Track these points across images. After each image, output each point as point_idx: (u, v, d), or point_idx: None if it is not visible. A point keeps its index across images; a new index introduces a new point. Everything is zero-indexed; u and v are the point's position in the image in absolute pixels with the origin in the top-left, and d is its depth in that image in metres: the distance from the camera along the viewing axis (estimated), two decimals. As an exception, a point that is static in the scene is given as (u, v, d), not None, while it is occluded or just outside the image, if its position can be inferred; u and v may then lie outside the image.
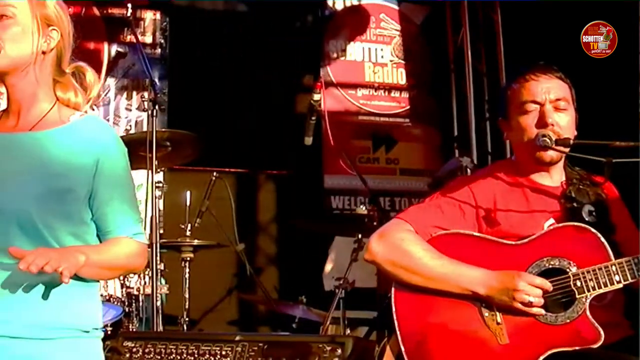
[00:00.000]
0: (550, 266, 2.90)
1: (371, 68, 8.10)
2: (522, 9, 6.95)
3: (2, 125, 2.58)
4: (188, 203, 5.65)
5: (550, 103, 3.05)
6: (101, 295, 4.72)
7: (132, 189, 2.73)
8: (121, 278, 4.92)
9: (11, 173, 2.39)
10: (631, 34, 3.64)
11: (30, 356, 2.37)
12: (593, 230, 2.89)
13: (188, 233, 5.50)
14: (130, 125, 7.43)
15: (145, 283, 4.89)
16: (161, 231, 6.59)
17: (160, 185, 5.01)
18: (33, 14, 2.58)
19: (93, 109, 7.09)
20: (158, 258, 4.46)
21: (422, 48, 8.24)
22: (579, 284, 2.82)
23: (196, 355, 2.92)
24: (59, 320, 2.44)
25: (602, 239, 2.86)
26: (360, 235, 4.94)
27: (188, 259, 5.43)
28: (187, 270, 5.44)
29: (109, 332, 4.96)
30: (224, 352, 2.88)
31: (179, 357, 2.93)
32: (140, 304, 4.96)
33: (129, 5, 5.50)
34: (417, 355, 2.92)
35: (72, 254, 2.36)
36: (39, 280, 2.39)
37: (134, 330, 4.87)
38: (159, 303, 4.49)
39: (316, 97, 4.39)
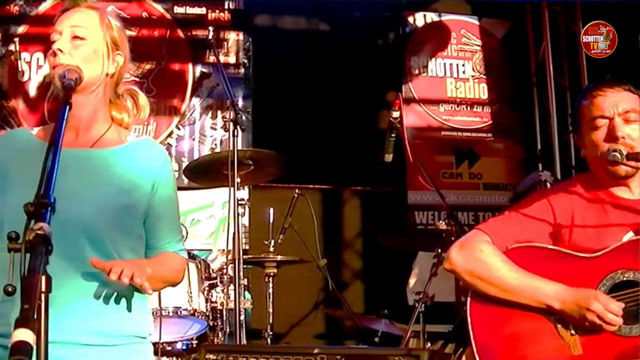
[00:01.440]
0: (625, 278, 2.86)
1: (453, 83, 8.10)
2: (604, 20, 6.85)
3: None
4: (271, 220, 5.71)
5: (619, 116, 3.01)
6: (186, 309, 4.86)
7: (178, 208, 2.88)
8: (205, 293, 5.01)
9: (79, 187, 2.45)
10: None
11: None
12: (671, 243, 2.85)
13: (271, 249, 5.56)
14: (216, 144, 7.57)
15: (229, 298, 4.96)
16: (247, 247, 6.75)
17: (244, 202, 5.09)
18: (104, 37, 2.70)
19: (179, 129, 7.31)
20: (241, 273, 4.54)
21: (504, 62, 8.19)
22: (654, 296, 2.80)
23: (275, 368, 2.98)
24: (122, 328, 2.56)
25: (681, 252, 2.83)
26: (440, 250, 4.94)
27: (272, 274, 5.47)
28: (271, 285, 5.47)
29: (194, 345, 5.08)
30: (302, 365, 2.93)
31: (259, 369, 2.99)
32: (224, 318, 5.04)
33: (211, 27, 5.64)
34: (493, 366, 2.93)
35: (143, 266, 2.46)
36: (105, 291, 2.50)
37: (218, 343, 4.95)
38: (242, 317, 4.57)
39: (395, 114, 4.40)
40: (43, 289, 1.80)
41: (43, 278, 1.80)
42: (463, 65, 8.15)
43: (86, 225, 2.48)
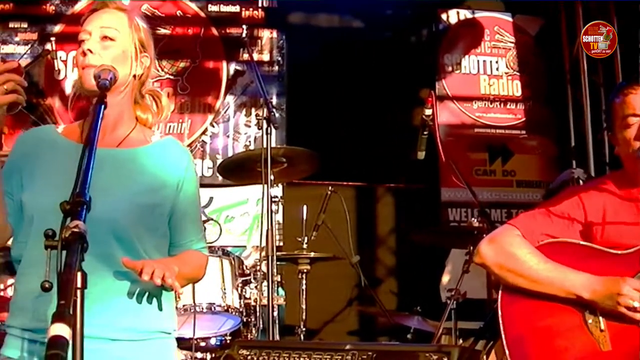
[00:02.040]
0: (657, 274, 2.86)
1: (486, 80, 8.07)
2: (638, 17, 6.81)
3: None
4: (305, 217, 5.74)
5: None
6: (219, 306, 4.90)
7: (200, 207, 2.95)
8: (239, 289, 5.05)
9: (107, 185, 2.48)
10: None
11: (125, 357, 2.51)
12: None
13: (305, 246, 5.59)
14: (250, 141, 7.62)
15: (262, 294, 5.00)
16: (280, 244, 6.79)
17: (277, 199, 5.12)
18: (132, 39, 2.73)
19: (213, 126, 7.36)
20: (275, 270, 4.58)
21: (537, 59, 8.15)
22: (685, 291, 2.80)
23: (307, 364, 3.01)
24: (150, 324, 2.61)
25: None
26: (471, 247, 4.93)
27: (305, 270, 5.49)
28: (304, 281, 5.50)
29: (228, 341, 5.12)
30: (334, 360, 2.96)
31: (290, 365, 3.02)
32: (258, 314, 5.08)
33: (244, 26, 5.67)
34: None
35: (170, 265, 2.50)
36: (133, 288, 2.55)
37: (252, 339, 4.99)
38: (275, 313, 4.60)
39: (427, 112, 4.40)
40: (79, 285, 1.85)
41: (79, 274, 1.85)
42: (496, 62, 8.12)
43: (115, 224, 2.52)
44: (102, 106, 2.38)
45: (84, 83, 2.65)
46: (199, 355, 4.97)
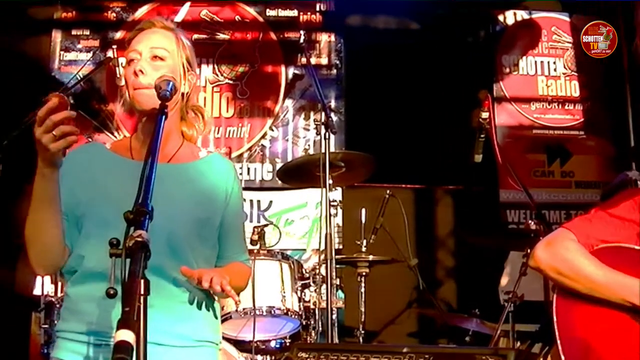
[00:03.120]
0: None
1: (544, 81, 8.00)
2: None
3: (137, 155, 2.78)
4: (363, 220, 5.75)
5: None
6: (279, 309, 4.95)
7: (244, 219, 3.06)
8: (298, 292, 5.10)
9: (163, 198, 2.45)
10: None
11: None
12: None
13: (364, 249, 5.61)
14: (309, 145, 7.66)
15: (321, 297, 5.04)
16: (340, 247, 6.82)
17: (336, 203, 5.15)
18: (180, 58, 2.79)
19: (272, 130, 7.43)
20: (334, 273, 4.61)
21: (595, 59, 8.06)
22: None
23: (365, 366, 3.04)
24: (201, 332, 2.71)
25: None
26: (529, 250, 4.91)
27: (364, 273, 5.50)
28: (363, 284, 5.51)
29: (287, 344, 5.17)
30: (391, 363, 2.98)
31: (349, 368, 3.05)
32: (317, 317, 5.11)
33: (302, 31, 5.71)
34: (577, 364, 2.94)
35: (224, 275, 2.58)
36: (186, 297, 2.65)
37: (311, 342, 5.03)
38: (334, 316, 4.64)
39: (484, 114, 4.42)
40: (142, 292, 1.92)
41: (142, 282, 1.92)
42: (554, 62, 8.05)
43: (171, 235, 2.61)
44: (163, 117, 2.44)
45: (138, 103, 2.71)
46: (259, 358, 5.01)
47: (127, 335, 1.77)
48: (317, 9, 7.97)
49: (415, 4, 7.89)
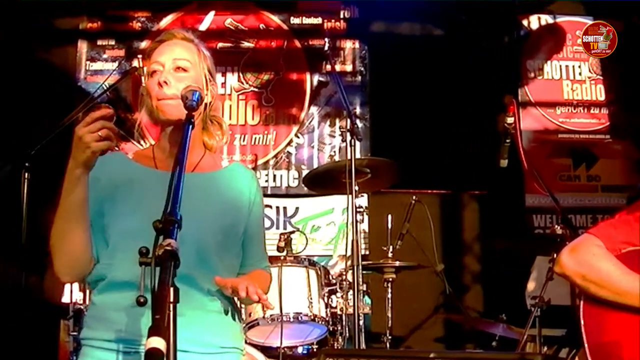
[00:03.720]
0: None
1: (569, 86, 7.98)
2: None
3: (161, 164, 2.81)
4: (390, 226, 5.76)
5: None
6: (306, 315, 4.97)
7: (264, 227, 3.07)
8: (325, 298, 5.11)
9: (189, 207, 2.37)
10: None
11: None
12: None
13: (390, 255, 5.61)
14: (335, 152, 7.68)
15: (348, 303, 5.04)
16: (366, 253, 6.83)
17: (362, 209, 5.16)
18: (202, 69, 2.82)
19: (298, 137, 7.45)
20: (361, 279, 4.62)
21: (620, 63, 8.03)
22: None
23: (392, 372, 3.05)
24: (228, 339, 2.74)
25: None
26: (555, 254, 4.89)
27: (390, 279, 5.49)
28: (390, 290, 5.50)
29: (314, 350, 5.19)
30: (417, 369, 2.99)
31: (376, 373, 3.06)
32: (344, 323, 5.12)
33: (327, 39, 5.73)
34: (604, 370, 2.93)
35: (255, 283, 2.61)
36: (214, 306, 2.70)
37: (338, 348, 5.04)
38: (361, 322, 4.64)
39: (509, 120, 4.42)
40: (172, 300, 1.95)
41: (172, 290, 1.95)
42: (579, 66, 8.03)
43: (200, 243, 2.63)
44: (190, 127, 2.46)
45: (163, 113, 2.75)
46: (286, 363, 5.05)
47: (158, 343, 1.80)
48: (342, 16, 7.99)
49: (439, 10, 7.90)
